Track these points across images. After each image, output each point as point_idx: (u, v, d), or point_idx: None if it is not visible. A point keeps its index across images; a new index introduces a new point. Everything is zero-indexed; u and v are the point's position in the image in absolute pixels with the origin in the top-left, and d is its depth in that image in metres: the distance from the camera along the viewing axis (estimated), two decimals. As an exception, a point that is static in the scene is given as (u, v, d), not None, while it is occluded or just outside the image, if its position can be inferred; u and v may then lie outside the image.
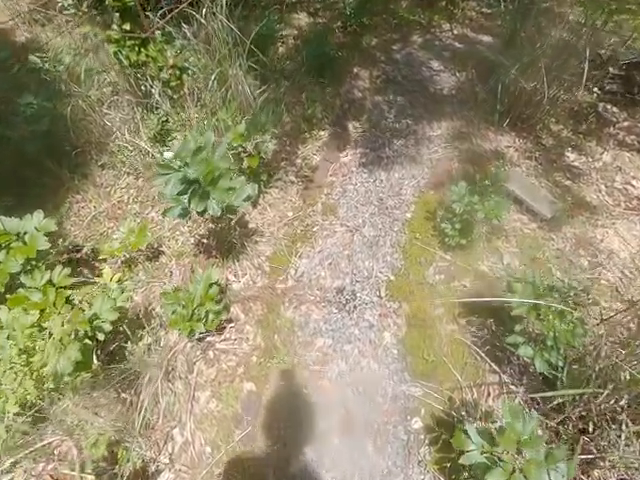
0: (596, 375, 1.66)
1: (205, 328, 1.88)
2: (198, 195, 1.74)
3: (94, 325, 1.72)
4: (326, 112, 3.46)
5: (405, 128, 3.38)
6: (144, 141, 2.76)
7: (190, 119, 2.75)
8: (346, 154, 3.16)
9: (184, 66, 2.70)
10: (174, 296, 1.89)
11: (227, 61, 2.77)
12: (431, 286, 2.37)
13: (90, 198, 2.91)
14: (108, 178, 3.01)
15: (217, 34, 2.67)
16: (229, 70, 2.80)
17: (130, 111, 2.87)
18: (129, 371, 1.87)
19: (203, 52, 2.74)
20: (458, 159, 3.12)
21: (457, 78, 3.91)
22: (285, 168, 3.00)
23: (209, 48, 2.73)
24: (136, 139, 2.82)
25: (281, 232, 2.62)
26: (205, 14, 2.59)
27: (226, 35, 2.73)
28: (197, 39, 2.79)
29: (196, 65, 2.77)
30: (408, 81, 3.85)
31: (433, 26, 4.76)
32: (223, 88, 2.80)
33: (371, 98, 3.67)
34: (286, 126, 3.33)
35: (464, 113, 3.52)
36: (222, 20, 2.64)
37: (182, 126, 2.79)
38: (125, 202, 2.87)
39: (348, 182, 2.95)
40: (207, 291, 1.92)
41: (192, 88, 2.73)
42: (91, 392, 1.71)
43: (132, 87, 2.74)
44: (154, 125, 2.83)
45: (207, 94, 2.77)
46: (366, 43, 4.38)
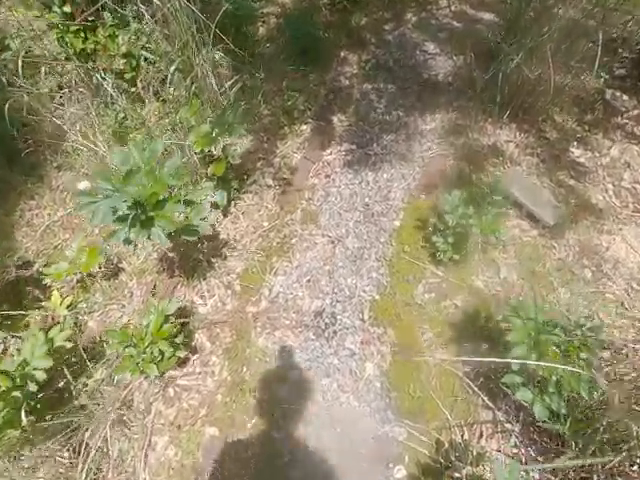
0: (604, 429, 1.43)
1: (159, 370, 1.63)
2: (139, 222, 1.45)
3: (25, 373, 1.47)
4: (309, 103, 3.11)
5: (396, 121, 3.04)
6: (100, 141, 2.44)
7: (149, 116, 2.41)
8: (330, 152, 2.83)
9: (140, 54, 2.34)
10: (122, 334, 1.62)
11: (190, 48, 2.41)
12: (420, 307, 2.11)
13: (45, 204, 2.60)
14: (65, 180, 2.69)
15: (176, 16, 2.31)
16: (194, 59, 2.45)
17: (84, 106, 2.53)
18: (73, 417, 1.63)
19: (162, 38, 2.38)
20: (453, 156, 2.81)
21: (454, 62, 3.53)
22: (261, 169, 2.68)
23: (168, 33, 2.37)
24: (92, 138, 2.49)
25: (255, 245, 2.33)
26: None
27: (187, 18, 2.36)
28: (155, 22, 2.42)
29: (155, 52, 2.41)
30: (400, 67, 3.48)
31: (429, 2, 4.32)
32: (187, 80, 2.45)
33: (359, 86, 3.31)
34: (264, 119, 2.99)
35: (460, 103, 3.17)
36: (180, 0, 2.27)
37: (142, 124, 2.45)
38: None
39: (331, 184, 2.64)
40: (160, 326, 1.66)
41: (150, 80, 2.38)
42: (22, 451, 1.47)
43: (84, 80, 2.39)
44: (112, 122, 2.50)
45: (169, 87, 2.42)
46: (355, 22, 3.96)
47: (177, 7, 2.25)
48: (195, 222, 1.78)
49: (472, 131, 2.98)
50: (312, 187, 2.62)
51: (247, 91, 3.07)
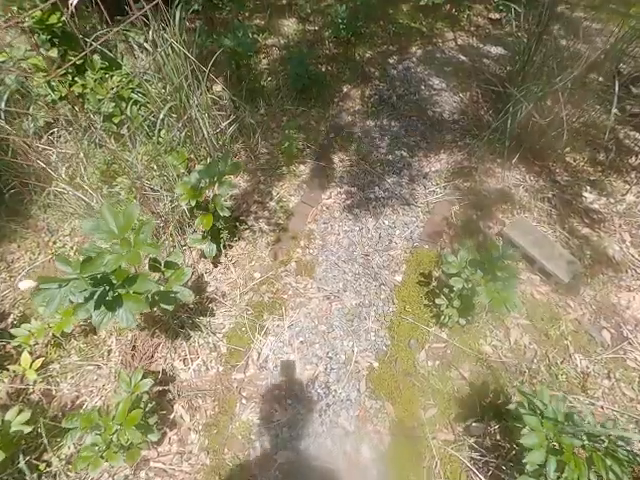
0: None
1: (125, 462, 1.42)
2: (104, 304, 1.27)
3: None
4: (309, 141, 2.95)
5: (399, 161, 2.86)
6: (87, 184, 2.28)
7: (139, 159, 2.25)
8: (329, 195, 2.65)
9: (130, 97, 2.20)
10: (85, 419, 1.42)
11: (184, 91, 2.27)
12: (422, 377, 1.89)
13: (27, 247, 2.44)
14: (51, 221, 2.53)
15: (169, 60, 2.17)
16: (188, 101, 2.30)
17: (73, 147, 2.38)
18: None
19: (154, 81, 2.24)
20: (459, 202, 2.62)
21: (460, 99, 3.37)
22: (256, 213, 2.51)
23: (161, 76, 2.23)
24: (79, 180, 2.34)
25: (245, 300, 2.13)
26: (152, 37, 2.09)
27: (181, 60, 2.22)
28: (147, 65, 2.29)
29: (146, 95, 2.27)
30: (404, 103, 3.32)
31: (435, 35, 4.20)
32: (180, 123, 2.30)
33: (362, 123, 3.15)
34: (261, 158, 2.83)
35: (467, 142, 3.00)
36: (174, 44, 2.13)
37: (130, 168, 2.29)
38: (67, 254, 2.39)
39: (330, 231, 2.45)
40: (130, 410, 1.45)
41: (140, 123, 2.23)
42: None
43: (71, 121, 2.25)
44: (100, 164, 2.34)
45: (159, 130, 2.28)
46: (359, 55, 3.84)
47: (169, 52, 2.12)
48: (175, 288, 1.59)
49: (479, 173, 2.80)
50: (309, 234, 2.44)
51: (245, 128, 2.92)
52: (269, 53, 3.86)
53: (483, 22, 4.55)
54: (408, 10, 4.62)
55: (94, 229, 1.37)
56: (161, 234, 2.23)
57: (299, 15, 4.43)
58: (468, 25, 4.45)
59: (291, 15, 4.49)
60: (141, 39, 2.14)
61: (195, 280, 2.20)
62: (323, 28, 4.22)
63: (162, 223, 2.20)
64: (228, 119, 2.63)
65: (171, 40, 2.13)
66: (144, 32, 2.08)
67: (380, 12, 4.47)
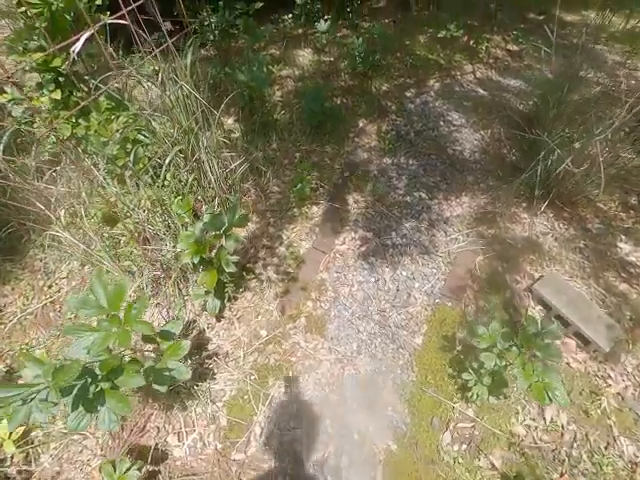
0: None
1: None
2: (83, 403, 1.07)
3: None
4: (322, 180, 2.77)
5: (417, 203, 2.66)
6: (87, 227, 2.11)
7: (143, 203, 2.09)
8: (343, 240, 2.45)
9: (137, 139, 2.05)
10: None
11: (192, 133, 2.11)
12: (447, 466, 1.63)
13: (21, 290, 2.27)
14: (49, 262, 2.36)
15: (178, 102, 2.03)
16: (197, 144, 2.15)
17: (74, 186, 2.23)
18: None
19: (162, 122, 2.10)
20: (483, 252, 2.39)
21: (481, 136, 3.18)
22: (264, 260, 2.31)
23: (169, 118, 2.09)
24: (79, 221, 2.18)
25: (249, 361, 1.92)
26: (161, 79, 1.95)
27: (192, 102, 2.08)
28: (155, 105, 2.15)
29: (153, 137, 2.12)
30: (423, 139, 3.14)
31: (453, 67, 4.06)
32: (187, 167, 2.14)
33: (378, 161, 2.97)
34: (271, 198, 2.65)
35: (490, 184, 2.79)
36: (184, 87, 1.99)
37: (134, 210, 2.13)
38: (62, 300, 2.21)
39: (343, 282, 2.24)
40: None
41: (146, 165, 2.07)
42: None
43: (73, 161, 2.10)
44: (102, 205, 2.18)
45: (165, 173, 2.11)
46: (376, 88, 3.69)
47: (178, 95, 1.97)
48: (170, 364, 1.38)
49: (504, 219, 2.58)
50: (320, 285, 2.23)
51: (256, 165, 2.76)
52: (283, 85, 3.74)
53: (502, 54, 4.41)
54: (425, 41, 4.50)
55: (81, 305, 1.19)
56: (162, 284, 2.04)
57: (315, 46, 4.33)
58: (486, 57, 4.30)
59: (307, 45, 4.39)
60: (149, 82, 2.00)
61: (196, 335, 2.00)
62: (339, 59, 4.10)
63: (163, 273, 2.02)
64: (239, 157, 2.47)
65: (181, 83, 1.98)
66: (153, 75, 1.94)
67: (397, 43, 4.36)
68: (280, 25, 5.24)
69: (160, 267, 2.00)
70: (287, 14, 5.29)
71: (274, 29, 5.09)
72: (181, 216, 1.90)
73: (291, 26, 5.05)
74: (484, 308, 2.14)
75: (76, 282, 2.28)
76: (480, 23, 4.99)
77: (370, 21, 5.05)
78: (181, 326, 1.48)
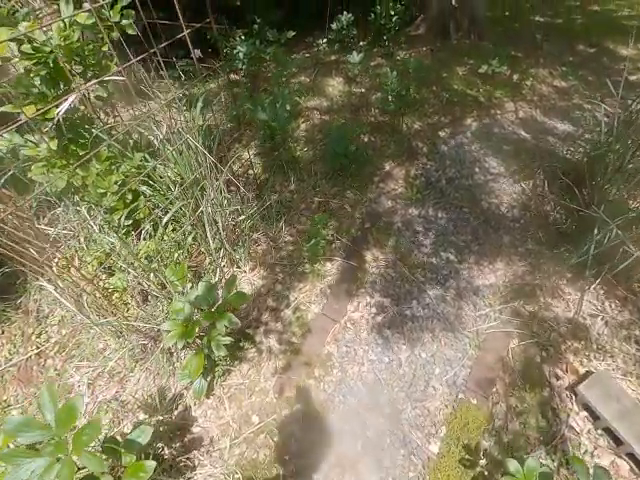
0: None
1: None
2: None
3: None
4: (340, 232, 2.49)
5: (444, 266, 2.33)
6: (79, 276, 1.92)
7: (140, 256, 1.88)
8: (356, 305, 2.16)
9: (137, 190, 1.85)
10: None
11: (197, 185, 1.89)
12: None
13: (11, 335, 2.11)
14: (43, 304, 2.20)
15: (182, 157, 1.81)
16: (203, 194, 1.92)
17: (72, 229, 2.07)
18: None
19: (167, 174, 1.89)
20: (518, 335, 2.03)
21: (521, 189, 2.81)
22: (267, 325, 2.05)
23: (175, 170, 1.88)
24: (73, 269, 2.00)
25: (235, 454, 1.64)
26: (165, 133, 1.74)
27: (198, 155, 1.86)
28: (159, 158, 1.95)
29: (156, 188, 1.91)
30: (455, 188, 2.81)
31: (494, 105, 3.70)
32: (190, 221, 1.92)
33: (403, 211, 2.66)
34: (282, 249, 2.39)
35: (529, 248, 2.42)
36: (190, 141, 1.77)
37: (131, 264, 1.92)
38: (49, 351, 2.03)
39: (352, 359, 1.95)
40: None
41: (146, 217, 1.86)
42: None
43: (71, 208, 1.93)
44: (99, 253, 2.00)
45: (164, 227, 1.90)
46: (407, 126, 3.39)
47: (182, 149, 1.75)
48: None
49: (544, 293, 2.21)
50: (326, 360, 1.94)
51: (269, 210, 2.52)
52: (309, 117, 3.51)
53: (548, 91, 4.01)
54: (464, 74, 4.16)
55: (21, 429, 0.96)
56: (148, 353, 1.82)
57: (346, 75, 4.09)
58: (531, 94, 3.92)
59: (338, 74, 4.16)
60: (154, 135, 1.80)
61: (181, 413, 1.75)
62: (371, 91, 3.84)
63: (150, 342, 1.80)
64: (252, 201, 2.24)
65: (187, 136, 1.76)
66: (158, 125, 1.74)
67: (434, 75, 4.05)
68: (314, 49, 5.06)
69: (149, 333, 1.77)
70: (322, 38, 5.10)
71: (307, 54, 4.91)
72: (174, 284, 1.67)
73: (325, 51, 4.85)
74: (516, 409, 1.79)
75: (67, 331, 2.10)
76: (525, 55, 4.61)
77: (407, 49, 4.78)
78: (149, 435, 1.23)
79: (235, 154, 3.12)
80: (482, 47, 4.67)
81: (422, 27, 5.29)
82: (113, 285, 1.85)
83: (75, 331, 2.09)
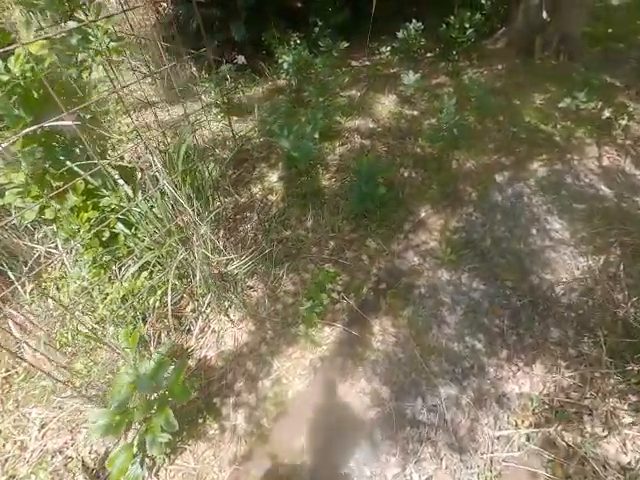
0: None
1: None
2: None
3: None
4: (347, 291, 2.11)
5: (467, 356, 1.85)
6: (57, 301, 1.75)
7: (110, 300, 1.66)
8: (348, 389, 1.77)
9: (115, 229, 1.61)
10: None
11: (179, 233, 1.61)
12: None
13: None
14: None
15: (160, 203, 1.54)
16: (184, 242, 1.65)
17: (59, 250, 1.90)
18: None
19: (145, 217, 1.63)
20: (548, 478, 1.54)
21: (588, 266, 2.21)
22: (239, 395, 1.74)
23: (155, 213, 1.61)
24: (50, 295, 1.84)
25: None
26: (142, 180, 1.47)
27: (181, 201, 1.57)
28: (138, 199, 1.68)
29: (134, 228, 1.66)
30: (500, 252, 2.28)
31: (571, 147, 3.03)
32: (170, 267, 1.65)
33: (430, 273, 2.20)
34: (280, 300, 2.07)
35: (583, 351, 1.85)
36: (167, 187, 1.48)
37: (110, 302, 1.70)
38: (11, 384, 1.89)
39: (327, 463, 1.59)
40: None
41: (121, 257, 1.63)
42: None
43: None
44: (73, 286, 1.82)
45: (139, 273, 1.66)
46: (458, 163, 2.88)
47: (157, 195, 1.47)
48: None
49: (594, 420, 1.67)
50: (297, 457, 1.59)
51: (276, 250, 2.20)
52: (348, 139, 3.11)
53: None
54: (541, 103, 3.49)
55: None
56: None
57: (400, 93, 3.61)
58: (623, 137, 3.17)
59: (392, 91, 3.69)
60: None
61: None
62: (424, 115, 3.34)
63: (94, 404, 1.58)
64: (251, 243, 1.94)
65: (164, 182, 1.48)
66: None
67: (504, 101, 3.44)
68: (376, 57, 4.60)
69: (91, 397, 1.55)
70: (386, 46, 4.63)
71: (367, 61, 4.47)
72: (126, 352, 1.43)
73: (386, 61, 4.38)
74: None
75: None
76: (624, 84, 3.79)
77: (479, 66, 4.15)
78: None
79: (259, 174, 2.84)
80: (571, 70, 3.92)
81: (502, 41, 4.59)
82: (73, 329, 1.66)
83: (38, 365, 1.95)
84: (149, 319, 1.73)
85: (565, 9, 3.99)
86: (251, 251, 2.11)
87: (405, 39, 4.27)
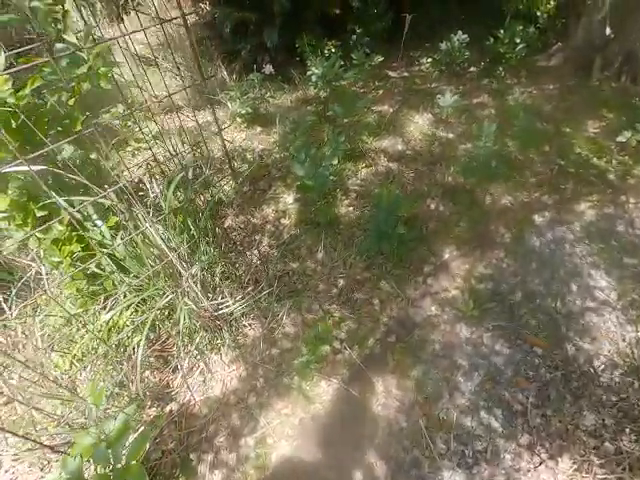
0: None
1: None
2: None
3: None
4: (351, 341, 1.88)
5: (480, 436, 1.59)
6: (32, 346, 1.66)
7: (89, 335, 1.54)
8: (341, 455, 1.58)
9: (101, 266, 1.48)
10: None
11: (165, 277, 1.46)
12: None
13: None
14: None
15: (143, 244, 1.38)
16: (172, 281, 1.50)
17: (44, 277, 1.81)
18: None
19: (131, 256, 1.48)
20: None
21: (636, 337, 1.88)
22: (218, 452, 1.57)
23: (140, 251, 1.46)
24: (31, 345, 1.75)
25: None
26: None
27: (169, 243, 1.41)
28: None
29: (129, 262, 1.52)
30: (532, 311, 1.98)
31: (627, 187, 2.64)
32: (153, 309, 1.51)
33: (447, 327, 1.94)
34: (276, 344, 1.88)
35: (624, 449, 1.54)
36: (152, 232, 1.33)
37: (90, 340, 1.59)
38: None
39: None
40: None
41: (110, 290, 1.51)
42: None
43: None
44: (59, 310, 1.71)
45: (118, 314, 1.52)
46: (492, 198, 2.58)
47: (138, 240, 1.32)
48: None
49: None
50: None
51: (279, 284, 2.02)
52: (374, 161, 2.87)
53: None
54: (595, 133, 3.10)
55: None
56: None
57: (435, 113, 3.32)
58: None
59: (427, 109, 3.41)
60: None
61: None
62: (460, 138, 3.04)
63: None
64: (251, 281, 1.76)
65: (146, 225, 1.32)
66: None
67: (551, 128, 3.08)
68: (415, 68, 4.32)
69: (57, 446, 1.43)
70: (427, 57, 4.34)
71: (405, 72, 4.19)
72: (89, 408, 1.29)
73: (425, 74, 4.09)
74: None
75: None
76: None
77: (527, 85, 3.78)
78: None
79: (275, 193, 2.67)
80: (633, 94, 3.47)
81: (556, 58, 4.16)
82: (54, 362, 1.55)
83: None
84: (134, 356, 1.59)
85: (633, 25, 3.54)
86: (252, 287, 1.94)
87: (448, 51, 3.97)
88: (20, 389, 1.49)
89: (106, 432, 1.20)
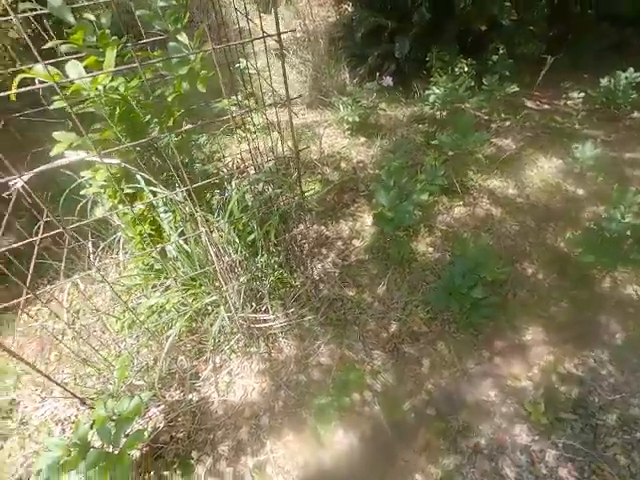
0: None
1: None
2: None
3: None
4: (386, 397, 1.67)
5: None
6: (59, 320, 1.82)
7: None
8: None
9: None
10: None
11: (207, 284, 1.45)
12: None
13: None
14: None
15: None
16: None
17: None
18: None
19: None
20: None
21: None
22: (217, 461, 1.53)
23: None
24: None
25: None
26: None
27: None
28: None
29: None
30: (624, 443, 1.52)
31: None
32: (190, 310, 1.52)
33: (504, 424, 1.60)
34: (304, 372, 1.77)
35: None
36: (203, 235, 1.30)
37: (132, 322, 1.69)
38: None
39: None
40: None
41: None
42: None
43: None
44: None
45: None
46: (612, 282, 2.06)
47: (191, 241, 1.31)
48: None
49: None
50: None
51: (328, 311, 1.91)
52: (474, 202, 2.53)
53: None
54: None
55: None
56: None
57: (568, 162, 2.78)
58: None
59: (560, 153, 2.89)
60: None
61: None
62: (591, 200, 2.51)
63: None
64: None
65: (202, 229, 1.30)
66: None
67: None
68: (561, 103, 3.72)
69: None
70: (580, 91, 3.70)
71: (546, 105, 3.64)
72: (113, 378, 1.34)
73: (574, 108, 3.49)
74: None
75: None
76: None
77: None
78: None
79: (356, 210, 2.55)
80: None
81: None
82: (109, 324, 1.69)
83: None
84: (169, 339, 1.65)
85: None
86: (301, 303, 1.87)
87: (609, 88, 3.33)
88: (78, 337, 1.66)
89: (118, 411, 1.24)
